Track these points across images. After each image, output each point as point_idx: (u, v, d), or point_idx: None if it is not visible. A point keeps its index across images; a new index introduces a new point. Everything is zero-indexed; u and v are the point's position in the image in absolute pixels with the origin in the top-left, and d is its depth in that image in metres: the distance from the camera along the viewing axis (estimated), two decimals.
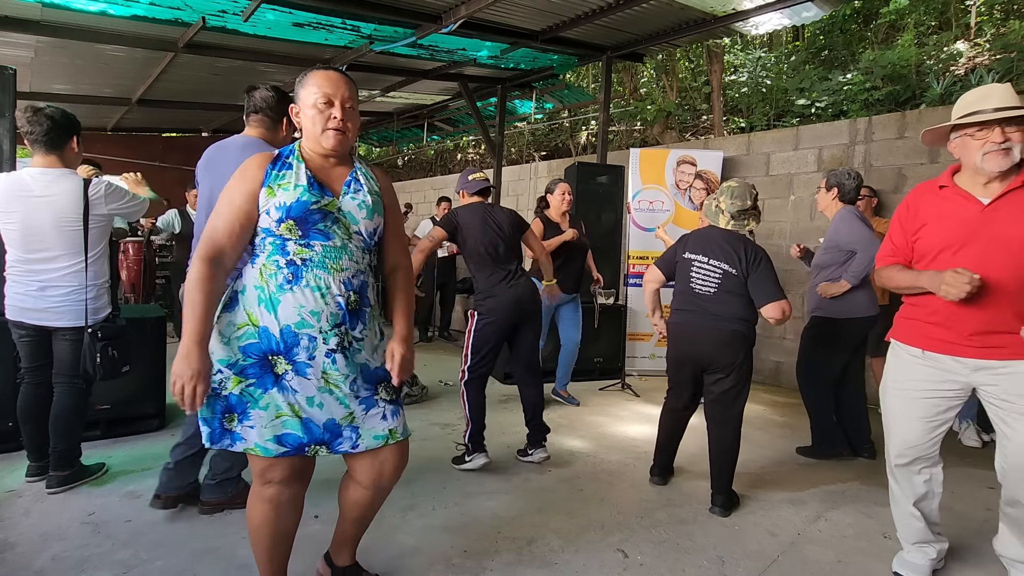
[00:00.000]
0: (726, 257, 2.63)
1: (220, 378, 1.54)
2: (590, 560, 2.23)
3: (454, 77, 6.60)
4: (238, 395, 1.54)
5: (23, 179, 2.44)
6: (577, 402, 4.37)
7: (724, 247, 2.65)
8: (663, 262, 2.87)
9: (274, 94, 2.41)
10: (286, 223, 1.54)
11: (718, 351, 2.62)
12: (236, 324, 1.55)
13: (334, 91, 1.59)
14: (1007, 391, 1.89)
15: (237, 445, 1.56)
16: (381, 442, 1.65)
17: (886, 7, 6.85)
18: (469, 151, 11.52)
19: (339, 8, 4.49)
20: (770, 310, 2.56)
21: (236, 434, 1.56)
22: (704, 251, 2.69)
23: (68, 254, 2.48)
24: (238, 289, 1.58)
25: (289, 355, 1.54)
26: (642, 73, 8.77)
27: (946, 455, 2.15)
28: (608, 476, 3.05)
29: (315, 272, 1.55)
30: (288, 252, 1.56)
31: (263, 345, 1.54)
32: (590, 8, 4.64)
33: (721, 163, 5.49)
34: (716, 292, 2.63)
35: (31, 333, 2.54)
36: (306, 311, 1.53)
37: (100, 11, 4.50)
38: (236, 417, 1.55)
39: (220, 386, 1.54)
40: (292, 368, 1.55)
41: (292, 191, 1.55)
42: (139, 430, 3.35)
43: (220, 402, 1.55)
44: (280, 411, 1.56)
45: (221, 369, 1.54)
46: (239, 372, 1.54)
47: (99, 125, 9.11)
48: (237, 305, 1.56)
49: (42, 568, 2.02)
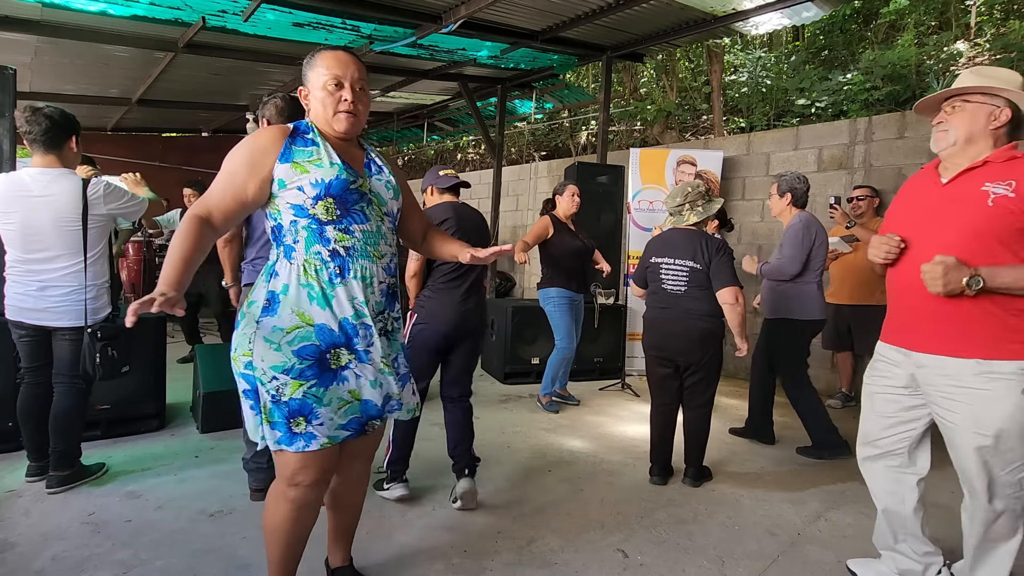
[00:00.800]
0: (691, 255, 2.82)
1: (277, 384, 1.50)
2: (590, 560, 2.23)
3: (454, 77, 6.60)
4: (300, 398, 1.51)
5: (22, 179, 2.44)
6: (577, 401, 4.38)
7: (686, 246, 2.85)
8: (637, 277, 3.09)
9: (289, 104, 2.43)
10: (324, 201, 1.49)
11: (690, 346, 2.83)
12: (284, 328, 1.50)
13: (344, 72, 1.55)
14: (939, 391, 1.78)
15: (313, 444, 1.53)
16: (411, 414, 1.76)
17: (886, 7, 6.84)
18: (469, 151, 11.52)
19: (339, 8, 4.49)
20: (724, 295, 2.76)
21: (309, 434, 1.53)
22: (668, 253, 2.89)
23: (67, 254, 2.48)
24: (276, 289, 1.52)
25: (351, 345, 1.56)
26: (642, 73, 8.77)
27: (943, 453, 2.13)
28: (608, 476, 3.05)
29: (360, 263, 1.55)
30: (329, 240, 1.51)
31: (323, 342, 1.52)
32: (590, 8, 4.63)
33: (721, 163, 5.49)
34: (687, 289, 2.83)
35: (31, 333, 2.54)
36: (358, 302, 1.55)
37: (100, 11, 4.50)
38: (304, 420, 1.52)
39: (279, 392, 1.50)
40: (355, 357, 1.57)
41: (329, 168, 1.50)
42: (139, 430, 3.35)
43: (283, 408, 1.51)
44: (343, 401, 1.57)
45: (276, 376, 1.49)
46: (298, 376, 1.50)
47: (99, 125, 9.10)
48: (279, 306, 1.51)
49: (42, 568, 2.02)
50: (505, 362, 4.88)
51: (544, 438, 3.61)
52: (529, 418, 4.00)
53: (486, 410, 4.12)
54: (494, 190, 7.24)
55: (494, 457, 3.25)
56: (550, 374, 4.21)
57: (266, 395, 1.51)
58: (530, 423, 3.89)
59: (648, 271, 2.98)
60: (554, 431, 3.76)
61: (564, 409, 4.24)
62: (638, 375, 5.41)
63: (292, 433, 1.52)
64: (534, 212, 7.94)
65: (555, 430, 3.78)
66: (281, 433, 1.52)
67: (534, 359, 4.93)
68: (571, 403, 4.36)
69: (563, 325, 4.12)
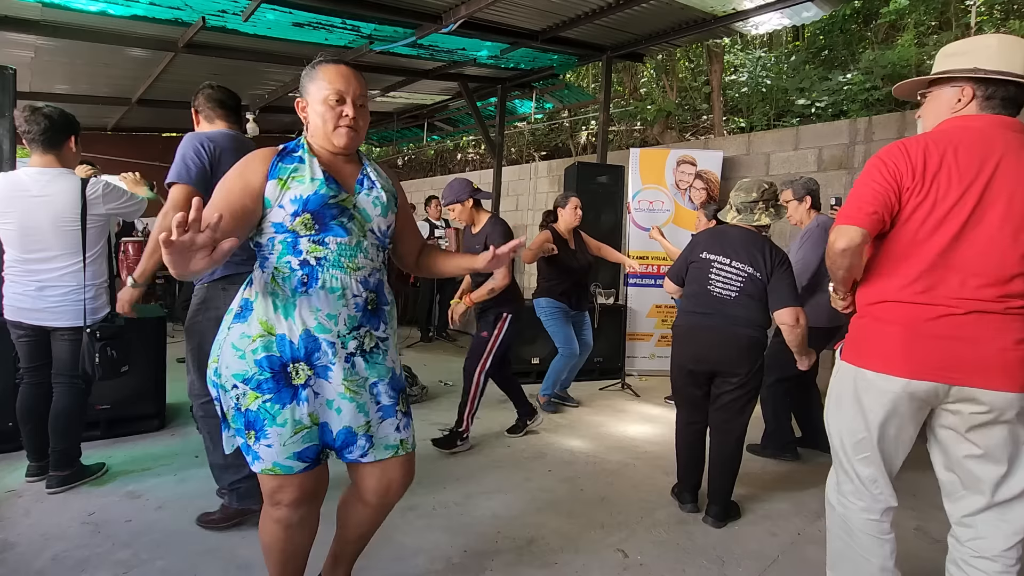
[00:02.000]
0: (750, 260, 2.50)
1: (236, 393, 1.46)
2: (590, 560, 2.22)
3: (454, 77, 6.60)
4: (255, 411, 1.45)
5: (20, 179, 2.44)
6: (576, 403, 4.37)
7: (747, 248, 2.52)
8: (674, 271, 2.77)
9: (218, 91, 2.43)
10: (302, 216, 1.46)
11: (734, 357, 2.49)
12: (250, 336, 1.45)
13: (346, 87, 1.52)
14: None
15: (255, 465, 1.48)
16: (391, 453, 1.59)
17: (886, 7, 6.85)
18: (469, 151, 11.52)
19: (339, 8, 4.49)
20: (784, 315, 2.42)
21: (255, 453, 1.47)
22: (724, 251, 2.55)
23: (66, 254, 2.48)
24: (250, 297, 1.50)
25: (310, 360, 1.47)
26: (642, 73, 8.77)
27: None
28: (608, 476, 3.05)
29: (331, 272, 1.48)
30: (301, 251, 1.47)
31: (283, 354, 1.46)
32: (590, 8, 4.63)
33: (721, 163, 5.49)
34: (737, 296, 2.50)
35: (30, 333, 2.54)
36: (323, 314, 1.47)
37: (100, 11, 4.50)
38: (255, 435, 1.46)
39: (238, 401, 1.46)
40: (313, 373, 1.48)
41: (308, 184, 1.48)
42: (139, 430, 3.35)
43: (241, 416, 1.47)
44: (300, 425, 1.46)
45: (237, 384, 1.45)
46: (256, 387, 1.44)
47: (99, 125, 9.10)
48: (249, 314, 1.48)
49: (42, 568, 2.01)
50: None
51: (544, 438, 3.61)
52: None
53: (486, 410, 4.11)
54: (494, 190, 7.24)
55: (494, 457, 3.25)
56: (551, 377, 4.18)
57: (229, 403, 1.47)
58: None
59: (694, 267, 2.63)
60: (554, 431, 3.76)
61: (562, 410, 4.23)
62: (638, 375, 5.41)
63: (248, 445, 1.47)
64: (534, 212, 7.94)
65: (555, 430, 3.78)
66: (243, 441, 1.48)
67: (534, 359, 4.93)
68: (570, 404, 4.35)
69: (559, 332, 4.07)
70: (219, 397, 1.51)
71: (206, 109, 2.38)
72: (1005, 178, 1.49)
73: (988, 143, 1.52)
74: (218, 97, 2.39)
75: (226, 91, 2.42)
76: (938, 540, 2.45)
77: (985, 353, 1.48)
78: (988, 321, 1.48)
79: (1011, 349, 1.47)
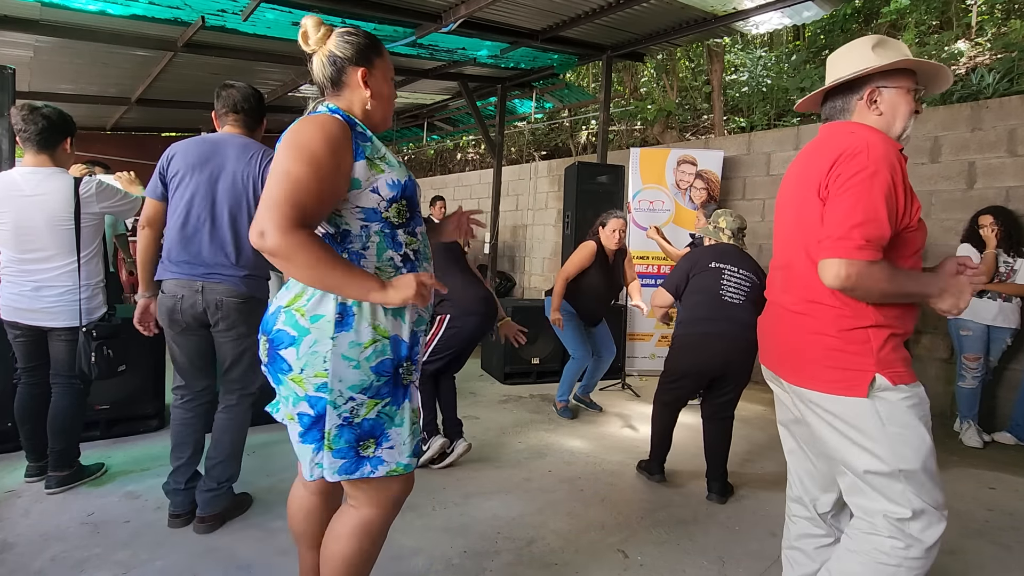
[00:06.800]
0: (753, 270, 2.81)
1: (352, 406, 1.35)
2: (590, 560, 2.22)
3: (454, 76, 6.59)
4: (373, 419, 1.38)
5: (13, 178, 2.44)
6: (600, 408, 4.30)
7: (747, 261, 2.84)
8: (672, 284, 2.90)
9: (256, 94, 2.38)
10: (398, 203, 1.38)
11: (741, 361, 2.72)
12: (361, 344, 1.34)
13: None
14: None
15: (379, 470, 1.40)
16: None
17: (887, 7, 6.84)
18: (469, 151, 11.52)
19: (339, 7, 4.48)
20: None
21: (376, 459, 1.39)
22: (732, 261, 2.81)
23: (62, 254, 2.47)
24: (347, 302, 1.34)
25: (412, 356, 1.44)
26: (642, 73, 8.76)
27: (947, 455, 2.14)
28: (608, 476, 3.05)
29: (424, 265, 1.47)
30: (400, 244, 1.41)
31: (397, 356, 1.39)
32: (590, 7, 4.62)
33: (721, 163, 5.48)
34: (744, 302, 2.75)
35: (26, 333, 2.53)
36: (422, 309, 1.45)
37: (99, 10, 4.49)
38: (374, 442, 1.39)
39: (352, 414, 1.36)
40: (415, 368, 1.46)
41: (399, 168, 1.40)
42: (138, 430, 3.35)
43: (352, 431, 1.36)
44: (413, 421, 1.44)
45: (353, 396, 1.35)
46: (375, 395, 1.37)
47: (98, 124, 9.10)
48: (354, 320, 1.34)
49: (41, 569, 2.01)
50: (505, 362, 4.87)
51: (544, 438, 3.61)
52: (529, 418, 3.99)
53: (486, 410, 4.11)
54: (494, 190, 7.23)
55: (494, 457, 3.25)
56: (565, 381, 4.10)
57: (335, 419, 1.34)
58: (530, 423, 3.88)
59: (700, 277, 2.80)
60: (554, 431, 3.75)
61: (577, 414, 4.13)
62: (638, 375, 5.41)
63: (359, 458, 1.38)
64: (534, 212, 7.94)
65: (555, 430, 3.77)
66: (345, 460, 1.37)
67: (534, 359, 4.92)
68: (593, 409, 4.25)
69: (569, 336, 3.99)
70: (320, 414, 1.36)
71: (218, 113, 2.35)
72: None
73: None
74: (224, 98, 2.33)
75: (235, 92, 2.33)
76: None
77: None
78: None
79: None
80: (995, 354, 3.79)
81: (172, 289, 2.20)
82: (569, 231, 5.34)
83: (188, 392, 2.36)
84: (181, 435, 2.35)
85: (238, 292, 2.20)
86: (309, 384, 1.35)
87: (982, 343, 3.72)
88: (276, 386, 1.42)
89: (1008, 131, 4.06)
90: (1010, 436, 3.70)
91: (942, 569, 2.25)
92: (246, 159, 2.22)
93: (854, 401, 1.44)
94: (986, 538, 2.51)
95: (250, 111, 2.35)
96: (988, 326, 3.70)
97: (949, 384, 4.01)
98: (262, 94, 2.44)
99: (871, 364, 1.43)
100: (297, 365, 1.34)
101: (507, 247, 8.44)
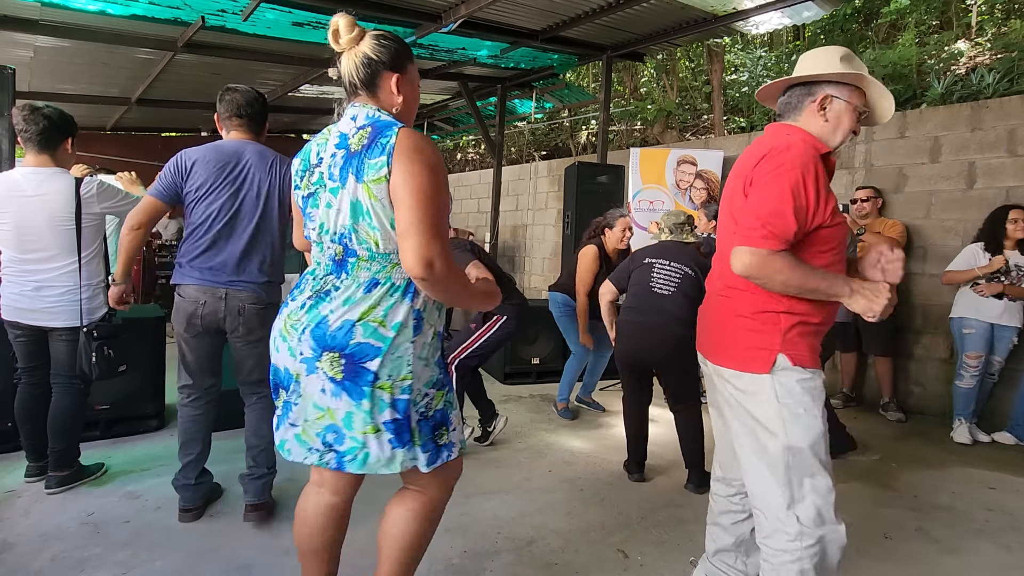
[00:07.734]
0: (686, 262, 2.94)
1: (427, 400, 1.46)
2: (590, 560, 2.22)
3: (454, 77, 6.59)
4: (441, 408, 1.49)
5: (14, 178, 2.44)
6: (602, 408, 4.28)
7: (683, 254, 2.98)
8: (616, 277, 3.15)
9: (259, 97, 2.38)
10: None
11: (667, 354, 2.83)
12: (428, 343, 1.45)
13: None
14: None
15: (453, 453, 1.52)
16: None
17: (887, 7, 6.84)
18: (469, 151, 11.52)
19: (339, 7, 4.48)
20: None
21: (449, 444, 1.51)
22: (665, 256, 2.98)
23: (63, 254, 2.47)
24: (419, 307, 1.43)
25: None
26: (642, 73, 8.76)
27: (945, 455, 2.14)
28: (608, 476, 3.05)
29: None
30: None
31: (441, 347, 1.54)
32: (590, 7, 4.63)
33: (721, 163, 5.48)
34: (673, 293, 2.87)
35: (27, 333, 2.53)
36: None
37: (99, 10, 4.49)
38: (446, 430, 1.50)
39: (427, 407, 1.46)
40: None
41: None
42: (138, 430, 3.35)
43: (429, 423, 1.46)
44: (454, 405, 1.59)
45: (428, 392, 1.46)
46: (441, 386, 1.50)
47: (98, 125, 9.10)
48: (423, 323, 1.44)
49: (41, 569, 2.01)
50: (505, 362, 4.87)
51: (544, 438, 3.61)
52: (529, 418, 3.99)
53: None
54: (494, 190, 7.23)
55: (494, 457, 3.25)
56: (566, 380, 4.08)
57: (415, 416, 1.43)
58: (530, 423, 3.88)
59: (637, 271, 3.02)
60: (554, 431, 3.75)
61: (577, 414, 4.12)
62: None
63: (438, 447, 1.48)
64: (534, 212, 7.94)
65: (555, 430, 3.77)
66: (428, 453, 1.45)
67: (534, 359, 4.92)
68: (595, 409, 4.23)
69: (572, 330, 4.00)
70: (402, 416, 1.40)
71: (221, 117, 2.34)
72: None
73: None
74: (227, 103, 2.32)
75: (238, 96, 2.32)
76: (937, 540, 2.45)
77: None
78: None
79: None
80: (1002, 352, 3.78)
81: (193, 295, 2.23)
82: (569, 231, 5.34)
83: (195, 390, 2.38)
84: (190, 432, 2.37)
85: (259, 299, 2.26)
86: (396, 388, 1.40)
87: (984, 341, 3.72)
88: (355, 401, 1.38)
89: (1008, 131, 4.06)
90: (1010, 436, 3.69)
91: (942, 569, 2.25)
92: (266, 168, 2.27)
93: (757, 377, 1.56)
94: (986, 538, 2.50)
95: (254, 115, 2.36)
96: (992, 324, 3.70)
97: (949, 384, 4.01)
98: (264, 97, 2.45)
99: (776, 344, 1.54)
100: (384, 373, 1.38)
101: (507, 247, 8.44)
